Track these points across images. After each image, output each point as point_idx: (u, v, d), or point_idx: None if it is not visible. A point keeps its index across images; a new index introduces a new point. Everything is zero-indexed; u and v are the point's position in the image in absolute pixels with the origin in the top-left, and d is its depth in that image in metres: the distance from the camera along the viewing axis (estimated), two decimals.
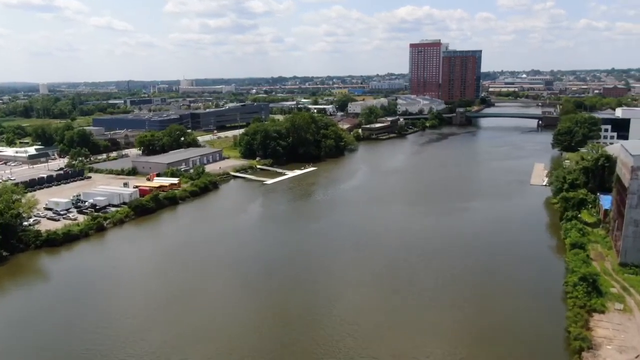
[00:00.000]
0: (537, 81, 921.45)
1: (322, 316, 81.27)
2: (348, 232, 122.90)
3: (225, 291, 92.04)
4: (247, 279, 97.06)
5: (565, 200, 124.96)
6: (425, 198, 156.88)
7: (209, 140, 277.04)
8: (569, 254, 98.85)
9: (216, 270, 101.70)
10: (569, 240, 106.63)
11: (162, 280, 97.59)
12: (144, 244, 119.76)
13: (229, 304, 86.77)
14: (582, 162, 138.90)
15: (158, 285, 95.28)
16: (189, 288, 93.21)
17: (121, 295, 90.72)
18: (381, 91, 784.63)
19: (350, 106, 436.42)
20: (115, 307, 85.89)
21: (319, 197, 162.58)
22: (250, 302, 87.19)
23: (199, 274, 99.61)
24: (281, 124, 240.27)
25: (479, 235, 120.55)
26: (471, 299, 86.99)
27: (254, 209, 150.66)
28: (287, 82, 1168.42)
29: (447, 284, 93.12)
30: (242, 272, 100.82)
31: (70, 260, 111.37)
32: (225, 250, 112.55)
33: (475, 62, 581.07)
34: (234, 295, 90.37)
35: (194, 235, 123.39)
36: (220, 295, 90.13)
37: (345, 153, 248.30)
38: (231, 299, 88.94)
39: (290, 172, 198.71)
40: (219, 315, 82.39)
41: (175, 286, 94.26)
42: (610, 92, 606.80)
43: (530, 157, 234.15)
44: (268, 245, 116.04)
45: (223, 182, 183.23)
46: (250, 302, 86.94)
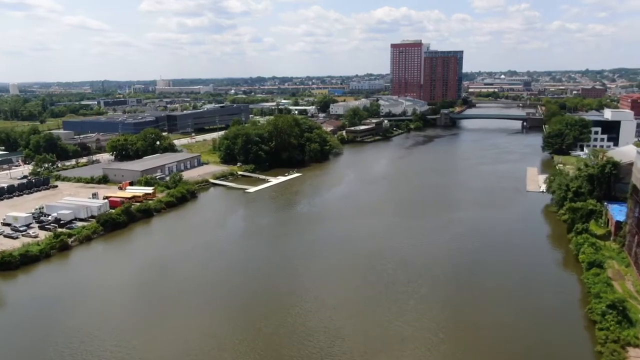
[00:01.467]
0: (515, 82, 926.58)
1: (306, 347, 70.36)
2: (337, 252, 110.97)
3: (204, 322, 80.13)
4: (228, 307, 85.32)
5: (573, 211, 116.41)
6: (418, 208, 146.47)
7: (187, 144, 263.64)
8: (588, 274, 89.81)
9: (194, 298, 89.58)
10: (583, 257, 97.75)
11: (131, 311, 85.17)
12: (113, 266, 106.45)
13: (210, 336, 75.01)
14: (586, 169, 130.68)
15: (127, 316, 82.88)
16: (165, 324, 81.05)
17: (83, 329, 78.03)
18: (361, 92, 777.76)
19: (332, 107, 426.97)
20: (76, 342, 73.41)
21: (304, 208, 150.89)
22: (231, 334, 75.61)
23: (174, 302, 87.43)
24: (263, 127, 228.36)
25: (481, 252, 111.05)
26: (485, 335, 76.98)
27: (235, 222, 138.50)
28: (266, 82, 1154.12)
29: (456, 313, 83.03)
30: (222, 298, 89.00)
31: (28, 286, 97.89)
32: (203, 273, 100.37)
33: (457, 62, 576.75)
34: (214, 328, 78.57)
35: (169, 255, 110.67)
36: (199, 327, 78.22)
37: (330, 157, 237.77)
38: (211, 331, 77.15)
39: (274, 179, 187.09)
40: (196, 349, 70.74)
41: (148, 319, 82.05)
42: (589, 93, 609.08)
43: (521, 160, 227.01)
44: (249, 266, 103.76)
45: (202, 191, 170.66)
46: (231, 335, 75.37)
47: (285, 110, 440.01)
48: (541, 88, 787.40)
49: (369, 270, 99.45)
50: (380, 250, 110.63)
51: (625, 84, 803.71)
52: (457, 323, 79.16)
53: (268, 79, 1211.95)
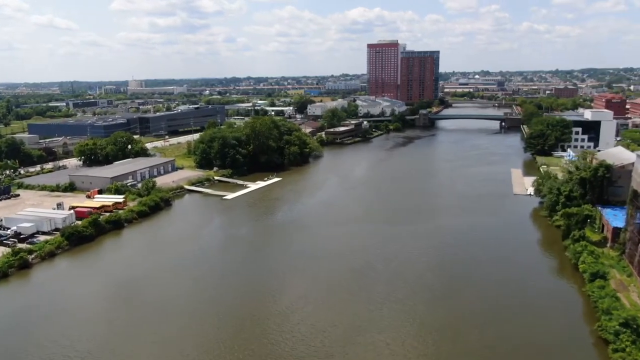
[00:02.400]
0: (489, 82, 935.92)
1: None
2: (322, 266, 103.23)
3: (176, 357, 71.92)
4: (204, 336, 77.22)
5: (568, 217, 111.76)
6: (404, 215, 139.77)
7: (160, 148, 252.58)
8: (592, 287, 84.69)
9: (165, 327, 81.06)
10: (584, 266, 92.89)
11: (96, 340, 76.21)
12: (77, 286, 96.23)
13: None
14: (577, 173, 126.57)
15: (92, 347, 73.90)
16: (134, 354, 72.52)
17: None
18: (338, 92, 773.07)
19: (310, 108, 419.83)
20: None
21: (285, 216, 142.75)
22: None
23: (143, 331, 78.86)
24: (240, 129, 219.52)
25: (473, 264, 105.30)
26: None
27: (212, 233, 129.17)
28: (241, 82, 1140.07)
29: (456, 335, 76.81)
30: (197, 325, 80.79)
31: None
32: (176, 296, 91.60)
33: (433, 62, 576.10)
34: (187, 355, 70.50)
35: (139, 274, 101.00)
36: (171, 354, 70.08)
37: (310, 160, 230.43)
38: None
39: (253, 184, 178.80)
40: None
41: (114, 350, 73.30)
42: (561, 93, 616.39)
43: (503, 162, 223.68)
44: (227, 285, 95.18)
45: (177, 198, 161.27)
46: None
47: (262, 111, 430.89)
48: (515, 88, 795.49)
49: (357, 287, 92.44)
50: (369, 264, 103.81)
51: (595, 83, 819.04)
52: (460, 347, 72.82)
53: (243, 79, 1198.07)
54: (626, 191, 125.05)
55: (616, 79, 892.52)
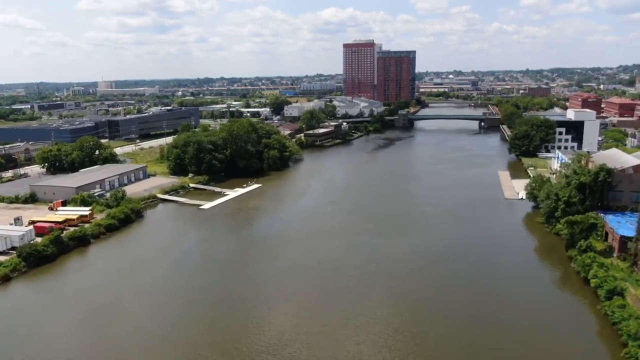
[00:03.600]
0: (464, 82, 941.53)
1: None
2: (309, 288, 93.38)
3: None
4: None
5: (571, 225, 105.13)
6: (394, 224, 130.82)
7: (131, 153, 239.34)
8: (610, 306, 77.50)
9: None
10: (596, 281, 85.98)
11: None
12: (34, 316, 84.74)
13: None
14: (576, 177, 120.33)
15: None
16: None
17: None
18: (313, 92, 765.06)
19: (287, 109, 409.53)
20: None
21: (267, 227, 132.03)
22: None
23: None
24: (216, 133, 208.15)
25: (474, 279, 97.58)
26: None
27: (188, 249, 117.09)
28: (214, 83, 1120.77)
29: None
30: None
31: None
32: (149, 322, 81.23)
33: (410, 62, 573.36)
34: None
35: (107, 297, 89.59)
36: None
37: (290, 164, 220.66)
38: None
39: (231, 192, 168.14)
40: None
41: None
42: (535, 92, 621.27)
43: (489, 164, 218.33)
44: (205, 315, 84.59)
45: (149, 208, 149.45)
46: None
47: (237, 112, 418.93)
48: (489, 88, 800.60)
49: (353, 315, 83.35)
50: (362, 282, 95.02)
51: (565, 83, 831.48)
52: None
53: (216, 79, 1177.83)
54: (627, 196, 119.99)
55: (584, 78, 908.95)
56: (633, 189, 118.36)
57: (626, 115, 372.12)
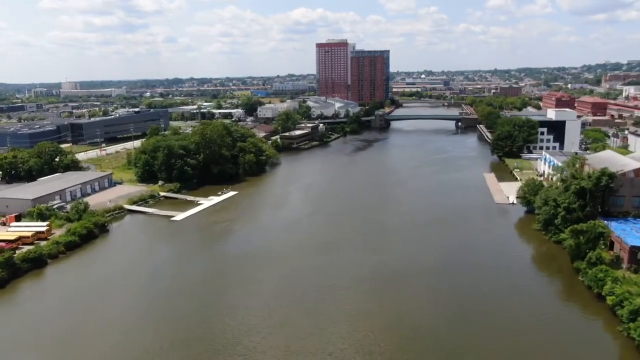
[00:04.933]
0: (436, 81, 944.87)
1: None
2: (295, 319, 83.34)
3: None
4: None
5: (577, 234, 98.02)
6: (382, 237, 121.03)
7: (95, 159, 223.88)
8: (636, 327, 69.99)
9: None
10: (613, 299, 78.58)
11: None
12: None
13: None
14: (575, 182, 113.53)
15: None
16: None
17: None
18: (286, 93, 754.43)
19: (260, 110, 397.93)
20: None
21: (245, 242, 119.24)
22: None
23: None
24: (188, 137, 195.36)
25: (478, 299, 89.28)
26: None
27: (158, 270, 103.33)
28: (184, 84, 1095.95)
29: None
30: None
31: None
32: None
33: (384, 62, 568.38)
34: None
35: (62, 332, 77.61)
36: None
37: (267, 169, 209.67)
38: None
39: (205, 200, 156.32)
40: None
41: None
42: (507, 92, 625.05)
43: (472, 166, 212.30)
44: (179, 353, 73.89)
45: (115, 220, 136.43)
46: None
47: (209, 114, 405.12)
48: (461, 87, 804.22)
49: (352, 345, 73.67)
50: (355, 308, 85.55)
51: (533, 82, 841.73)
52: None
53: (186, 80, 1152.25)
54: (628, 201, 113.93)
55: (551, 77, 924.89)
56: (635, 194, 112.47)
57: (599, 114, 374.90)
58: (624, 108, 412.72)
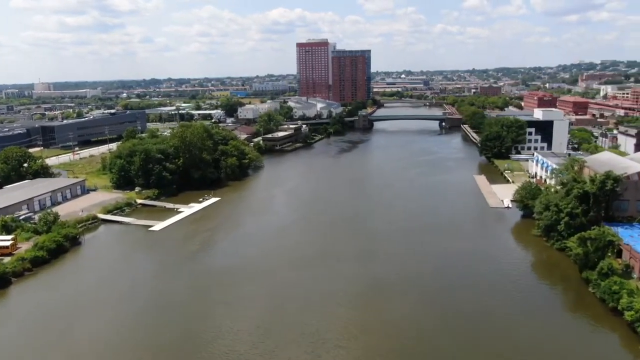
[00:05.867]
0: (416, 81, 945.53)
1: None
2: (293, 344, 76.66)
3: None
4: None
5: (584, 242, 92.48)
6: (375, 246, 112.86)
7: (68, 163, 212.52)
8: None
9: None
10: (632, 314, 72.91)
11: None
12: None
13: None
14: (577, 185, 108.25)
15: None
16: None
17: None
18: (266, 93, 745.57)
19: (241, 111, 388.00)
20: None
21: (230, 255, 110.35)
22: None
23: None
24: (167, 140, 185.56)
25: (481, 314, 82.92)
26: None
27: (134, 287, 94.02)
28: (161, 84, 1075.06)
29: None
30: None
31: None
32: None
33: (365, 62, 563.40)
34: None
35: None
36: None
37: (250, 172, 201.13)
38: None
39: (185, 207, 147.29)
40: None
41: None
42: (487, 91, 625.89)
43: (461, 167, 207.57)
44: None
45: (88, 232, 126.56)
46: None
47: (187, 115, 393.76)
48: (441, 87, 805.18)
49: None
50: (354, 335, 78.25)
51: (511, 82, 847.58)
52: None
53: (163, 80, 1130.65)
54: (633, 205, 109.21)
55: (528, 77, 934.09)
56: (639, 198, 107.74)
57: (580, 113, 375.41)
58: (605, 107, 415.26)
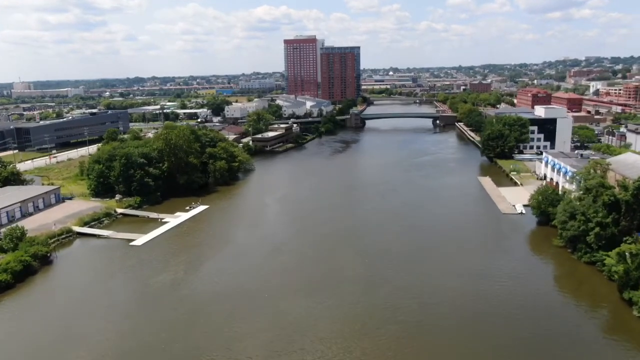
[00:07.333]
0: (404, 78, 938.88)
1: None
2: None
3: None
4: None
5: (623, 257, 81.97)
6: (387, 265, 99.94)
7: (43, 168, 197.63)
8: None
9: None
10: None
11: None
12: None
13: None
14: (608, 192, 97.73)
15: None
16: None
17: None
18: (252, 91, 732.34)
19: (228, 110, 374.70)
20: None
21: (220, 275, 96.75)
22: None
23: None
24: (150, 143, 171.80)
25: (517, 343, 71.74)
26: None
27: (108, 323, 79.98)
28: (145, 83, 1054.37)
29: None
30: None
31: None
32: None
33: (354, 58, 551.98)
34: None
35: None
36: None
37: (239, 176, 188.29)
38: None
39: (171, 217, 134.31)
40: None
41: None
42: (477, 88, 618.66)
43: (463, 168, 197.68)
44: None
45: (62, 247, 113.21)
46: None
47: (172, 114, 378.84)
48: (430, 84, 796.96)
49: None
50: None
51: (498, 78, 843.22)
52: None
53: (147, 79, 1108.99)
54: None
55: (514, 74, 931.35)
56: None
57: (575, 110, 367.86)
58: (599, 104, 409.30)
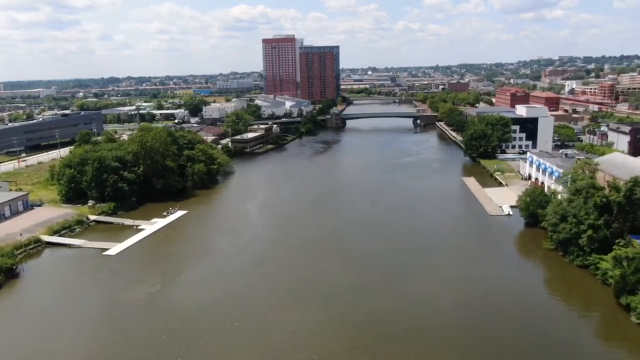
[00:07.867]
0: (383, 78, 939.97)
1: None
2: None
3: None
4: None
5: (619, 261, 79.59)
6: (378, 276, 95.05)
7: (11, 172, 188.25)
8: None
9: None
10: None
11: None
12: None
13: None
14: (599, 194, 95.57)
15: None
16: None
17: None
18: (230, 91, 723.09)
19: (206, 110, 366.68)
20: None
21: (201, 288, 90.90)
22: None
23: None
24: (124, 146, 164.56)
25: None
26: None
27: (82, 345, 73.67)
28: (120, 83, 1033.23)
29: None
30: None
31: None
32: None
33: (334, 58, 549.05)
34: None
35: None
36: None
37: (219, 179, 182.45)
38: None
39: (147, 224, 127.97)
40: None
41: None
42: (455, 87, 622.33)
43: (447, 169, 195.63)
44: None
45: (29, 259, 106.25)
46: None
47: (148, 115, 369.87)
48: (409, 84, 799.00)
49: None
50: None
51: (475, 78, 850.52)
52: None
53: (123, 79, 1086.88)
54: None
55: (491, 73, 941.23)
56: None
57: (552, 109, 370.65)
58: (576, 102, 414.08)
